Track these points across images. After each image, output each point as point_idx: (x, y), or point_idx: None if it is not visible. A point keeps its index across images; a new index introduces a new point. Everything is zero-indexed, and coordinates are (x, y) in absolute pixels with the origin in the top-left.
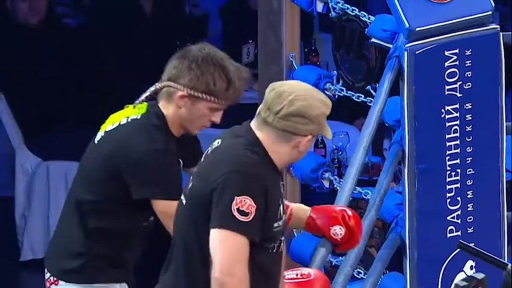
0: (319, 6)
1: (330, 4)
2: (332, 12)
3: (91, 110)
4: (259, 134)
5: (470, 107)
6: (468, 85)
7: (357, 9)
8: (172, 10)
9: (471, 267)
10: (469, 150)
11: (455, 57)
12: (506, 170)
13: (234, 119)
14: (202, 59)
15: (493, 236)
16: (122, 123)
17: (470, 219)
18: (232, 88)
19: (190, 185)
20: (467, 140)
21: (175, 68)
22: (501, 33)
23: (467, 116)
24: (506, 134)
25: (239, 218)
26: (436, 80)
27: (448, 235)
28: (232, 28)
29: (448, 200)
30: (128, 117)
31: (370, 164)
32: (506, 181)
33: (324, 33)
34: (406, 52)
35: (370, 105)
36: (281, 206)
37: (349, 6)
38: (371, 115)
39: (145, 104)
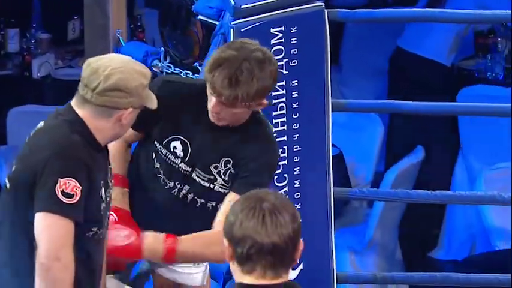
0: None
1: None
2: None
3: None
4: (79, 111)
5: (296, 84)
6: (294, 62)
7: None
8: None
9: None
10: (296, 127)
11: (280, 34)
12: (333, 145)
13: (60, 96)
14: None
15: (320, 212)
16: None
17: (297, 195)
18: None
19: (13, 168)
20: (294, 117)
21: None
22: (326, 10)
23: (293, 93)
24: (332, 111)
25: (64, 201)
26: None
27: None
28: (54, 4)
29: (276, 177)
30: None
31: None
32: (333, 156)
33: (150, 8)
34: (232, 30)
35: None
36: (103, 189)
37: None
38: None
39: None
